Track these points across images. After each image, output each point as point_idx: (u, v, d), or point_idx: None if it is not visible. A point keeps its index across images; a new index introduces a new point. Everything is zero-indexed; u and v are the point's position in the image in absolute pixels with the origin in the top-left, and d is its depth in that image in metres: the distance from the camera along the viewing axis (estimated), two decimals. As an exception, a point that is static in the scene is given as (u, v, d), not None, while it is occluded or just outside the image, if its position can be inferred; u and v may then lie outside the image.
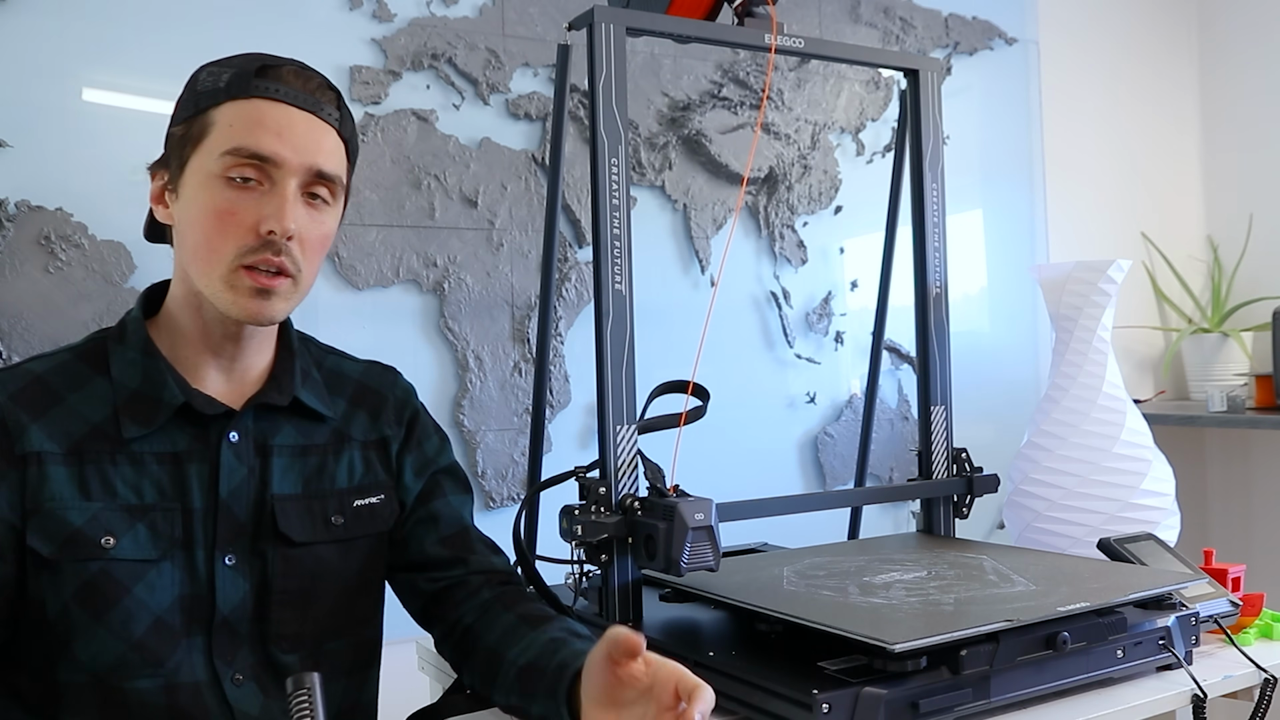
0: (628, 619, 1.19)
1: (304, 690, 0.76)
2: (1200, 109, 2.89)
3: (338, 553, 1.07)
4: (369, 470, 1.12)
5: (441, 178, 1.82)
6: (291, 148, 0.99)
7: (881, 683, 0.93)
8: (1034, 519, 1.49)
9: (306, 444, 1.08)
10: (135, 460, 0.99)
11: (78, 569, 0.96)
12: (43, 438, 0.97)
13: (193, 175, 1.00)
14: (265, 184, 0.99)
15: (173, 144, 1.02)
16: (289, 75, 1.02)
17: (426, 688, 1.42)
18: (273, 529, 1.03)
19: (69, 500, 0.96)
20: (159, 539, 0.99)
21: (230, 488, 1.02)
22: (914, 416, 2.29)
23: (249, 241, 0.98)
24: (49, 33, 1.53)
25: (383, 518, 1.12)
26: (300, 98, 1.01)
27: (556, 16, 1.93)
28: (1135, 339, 2.74)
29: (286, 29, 1.70)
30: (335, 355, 1.18)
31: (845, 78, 2.27)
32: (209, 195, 0.98)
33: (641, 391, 1.23)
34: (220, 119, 0.99)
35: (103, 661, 0.96)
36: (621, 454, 1.20)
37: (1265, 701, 1.09)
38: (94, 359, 1.03)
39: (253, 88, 0.99)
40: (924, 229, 1.49)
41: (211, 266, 0.99)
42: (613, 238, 1.21)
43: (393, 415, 1.16)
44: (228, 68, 1.01)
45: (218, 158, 0.98)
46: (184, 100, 1.02)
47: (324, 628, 1.06)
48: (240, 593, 1.01)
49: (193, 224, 0.99)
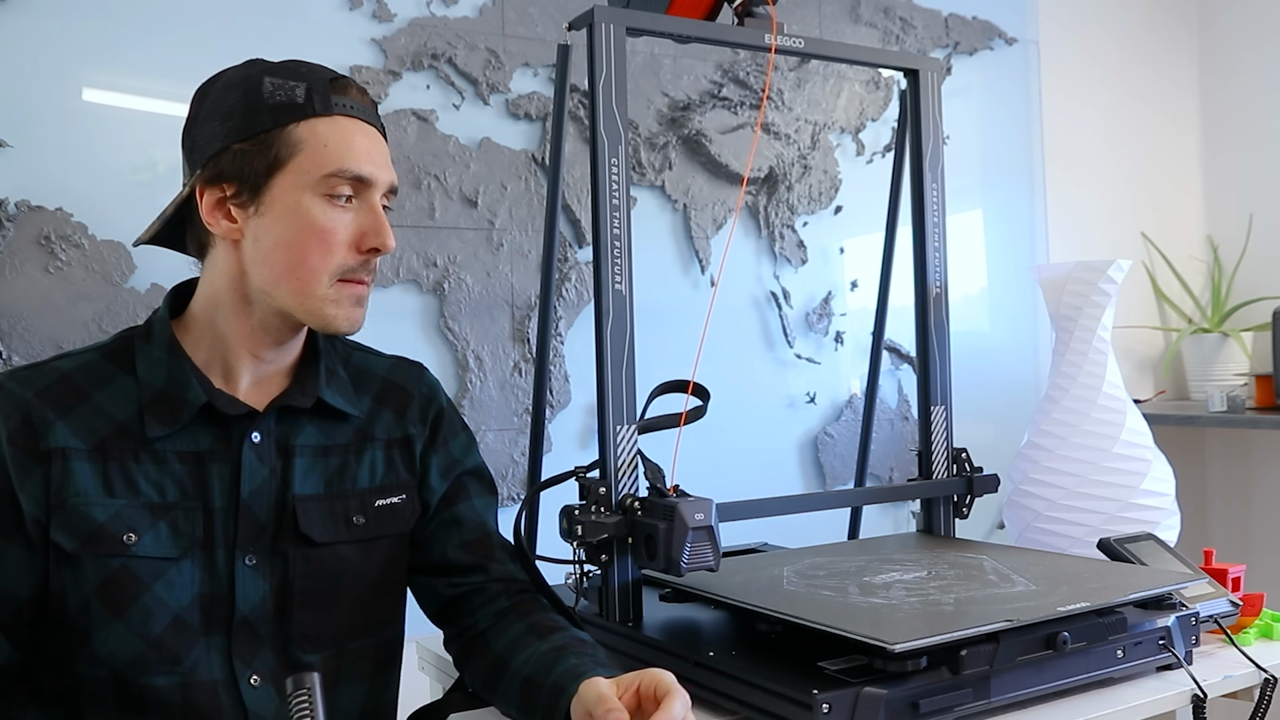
0: (628, 619, 1.19)
1: (304, 690, 0.76)
2: (1200, 109, 2.89)
3: (359, 553, 1.07)
4: (391, 469, 1.12)
5: (441, 178, 1.82)
6: (378, 167, 1.04)
7: (881, 683, 0.93)
8: (1034, 519, 1.49)
9: (329, 444, 1.09)
10: (158, 459, 1.00)
11: (99, 565, 0.96)
12: (68, 434, 0.98)
13: (284, 193, 1.00)
14: (354, 200, 1.03)
15: (240, 159, 0.99)
16: (355, 91, 1.05)
17: (426, 688, 1.42)
18: (294, 529, 1.04)
19: (93, 496, 0.97)
20: (180, 537, 0.99)
21: (252, 488, 1.02)
22: (914, 416, 2.29)
23: (350, 259, 1.02)
24: (49, 33, 1.53)
25: (404, 518, 1.12)
26: (369, 114, 1.05)
27: (556, 16, 1.93)
28: (1135, 339, 2.74)
29: (286, 29, 1.70)
30: (362, 351, 1.18)
31: (845, 78, 2.27)
32: (309, 214, 1.00)
33: (641, 391, 1.23)
34: (309, 138, 1.00)
35: (121, 657, 0.97)
36: (621, 454, 1.20)
37: (1265, 701, 1.09)
38: (120, 358, 1.04)
39: (334, 104, 1.01)
40: (924, 229, 1.49)
41: (312, 284, 1.01)
42: (613, 238, 1.21)
43: (417, 413, 1.16)
44: (295, 80, 1.01)
45: (320, 178, 1.00)
46: (243, 111, 1.00)
47: (346, 628, 1.06)
48: (260, 593, 1.02)
49: (287, 243, 1.00)
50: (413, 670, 1.42)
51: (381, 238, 1.03)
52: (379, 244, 1.03)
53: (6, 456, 0.96)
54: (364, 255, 1.03)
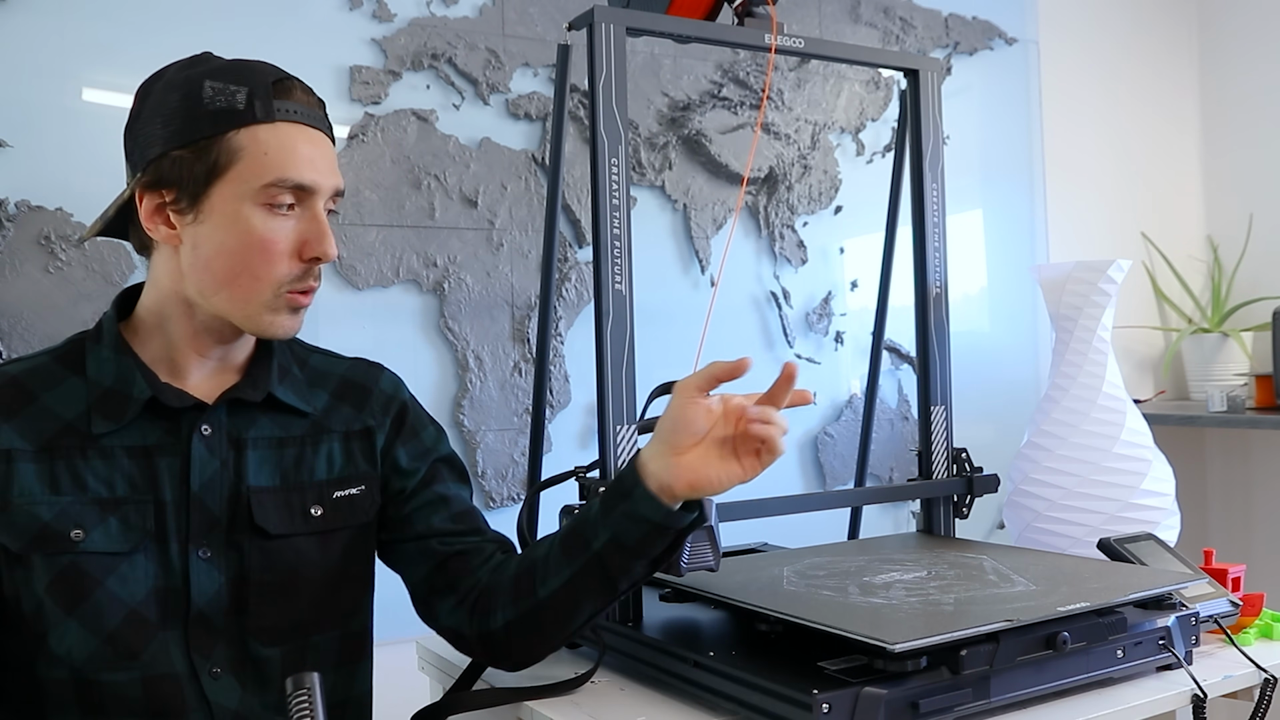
0: (628, 619, 1.19)
1: (304, 690, 0.76)
2: (1200, 109, 2.89)
3: (317, 544, 1.07)
4: (349, 461, 1.11)
5: (441, 178, 1.82)
6: (321, 173, 1.01)
7: (881, 683, 0.93)
8: (1034, 519, 1.49)
9: (284, 435, 1.08)
10: (105, 454, 1.00)
11: (48, 563, 0.97)
12: (14, 436, 0.98)
13: (223, 202, 0.99)
14: (297, 208, 1.01)
15: (179, 166, 0.98)
16: (299, 94, 1.02)
17: (426, 688, 1.42)
18: (249, 521, 1.03)
19: (37, 495, 0.97)
20: (131, 531, 0.99)
21: (202, 480, 1.02)
22: (914, 416, 2.29)
23: (293, 269, 1.01)
24: (49, 33, 1.53)
25: (363, 509, 1.11)
26: (315, 117, 1.03)
27: (556, 16, 1.93)
28: (1135, 339, 2.74)
29: (286, 29, 1.70)
30: (321, 354, 1.18)
31: (845, 78, 2.27)
32: (248, 224, 0.99)
33: (641, 391, 1.23)
34: (250, 145, 0.98)
35: (78, 655, 0.97)
36: (621, 454, 1.20)
37: (1265, 701, 1.09)
38: (71, 360, 1.04)
39: (275, 110, 0.99)
40: (924, 229, 1.49)
41: (253, 293, 1.00)
42: (613, 238, 1.21)
43: (378, 406, 1.15)
44: (235, 84, 0.99)
45: (259, 188, 0.98)
46: (183, 116, 0.98)
47: (306, 620, 1.06)
48: (215, 585, 1.02)
49: (228, 252, 0.99)
50: (413, 670, 1.42)
51: (323, 246, 1.01)
52: (320, 253, 1.01)
53: None
54: (305, 264, 1.02)
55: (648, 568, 1.02)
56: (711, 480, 0.97)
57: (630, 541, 1.00)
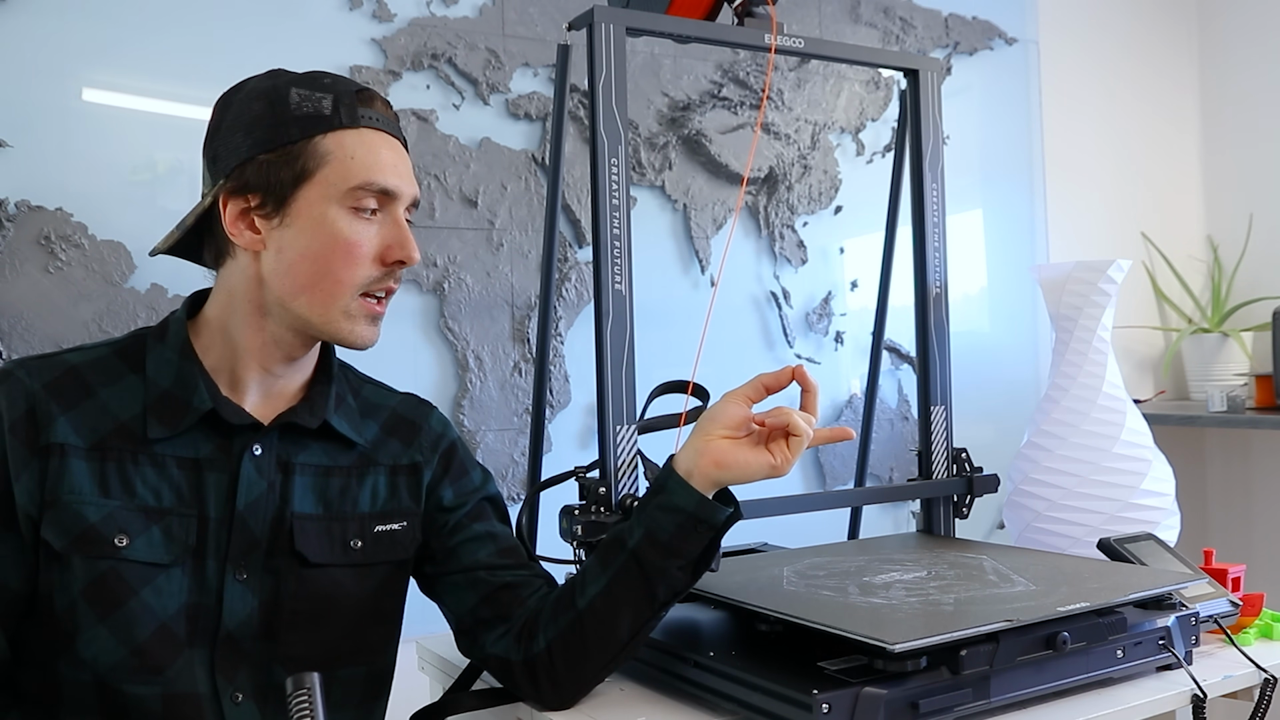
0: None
1: (304, 690, 0.76)
2: (1200, 109, 2.89)
3: (354, 577, 1.06)
4: (394, 495, 1.11)
5: (441, 178, 1.82)
6: (403, 179, 1.04)
7: (881, 683, 0.93)
8: (1034, 519, 1.49)
9: (331, 465, 1.08)
10: (156, 462, 0.99)
11: (88, 566, 0.96)
12: (69, 430, 0.97)
13: (309, 206, 1.00)
14: (379, 213, 1.03)
15: (266, 170, 0.99)
16: (380, 104, 1.05)
17: (426, 688, 1.42)
18: (289, 547, 1.02)
19: (86, 495, 0.97)
20: (173, 544, 0.98)
21: (248, 500, 1.01)
22: (914, 416, 2.29)
23: (374, 271, 1.03)
24: (49, 33, 1.53)
25: (403, 545, 1.10)
26: (394, 127, 1.06)
27: (556, 16, 1.93)
28: (1135, 339, 2.74)
29: (286, 29, 1.70)
30: (373, 385, 1.18)
31: (845, 78, 2.27)
32: (334, 227, 1.00)
33: (641, 391, 1.23)
34: (336, 150, 1.00)
35: (103, 662, 0.96)
36: (621, 454, 1.20)
37: (1265, 701, 1.09)
38: (131, 356, 1.03)
39: (360, 117, 1.02)
40: (924, 229, 1.49)
41: (334, 297, 1.01)
42: (613, 238, 1.21)
43: (427, 444, 1.15)
44: (321, 92, 1.01)
45: (345, 191, 1.00)
46: (269, 122, 1.00)
47: (334, 654, 1.05)
48: (247, 609, 1.01)
49: (312, 255, 1.00)
50: (413, 670, 1.42)
51: (407, 250, 1.03)
52: (404, 256, 1.03)
53: (7, 446, 0.96)
54: (388, 267, 1.03)
55: (686, 573, 1.02)
56: (739, 463, 1.00)
57: (664, 536, 1.00)
